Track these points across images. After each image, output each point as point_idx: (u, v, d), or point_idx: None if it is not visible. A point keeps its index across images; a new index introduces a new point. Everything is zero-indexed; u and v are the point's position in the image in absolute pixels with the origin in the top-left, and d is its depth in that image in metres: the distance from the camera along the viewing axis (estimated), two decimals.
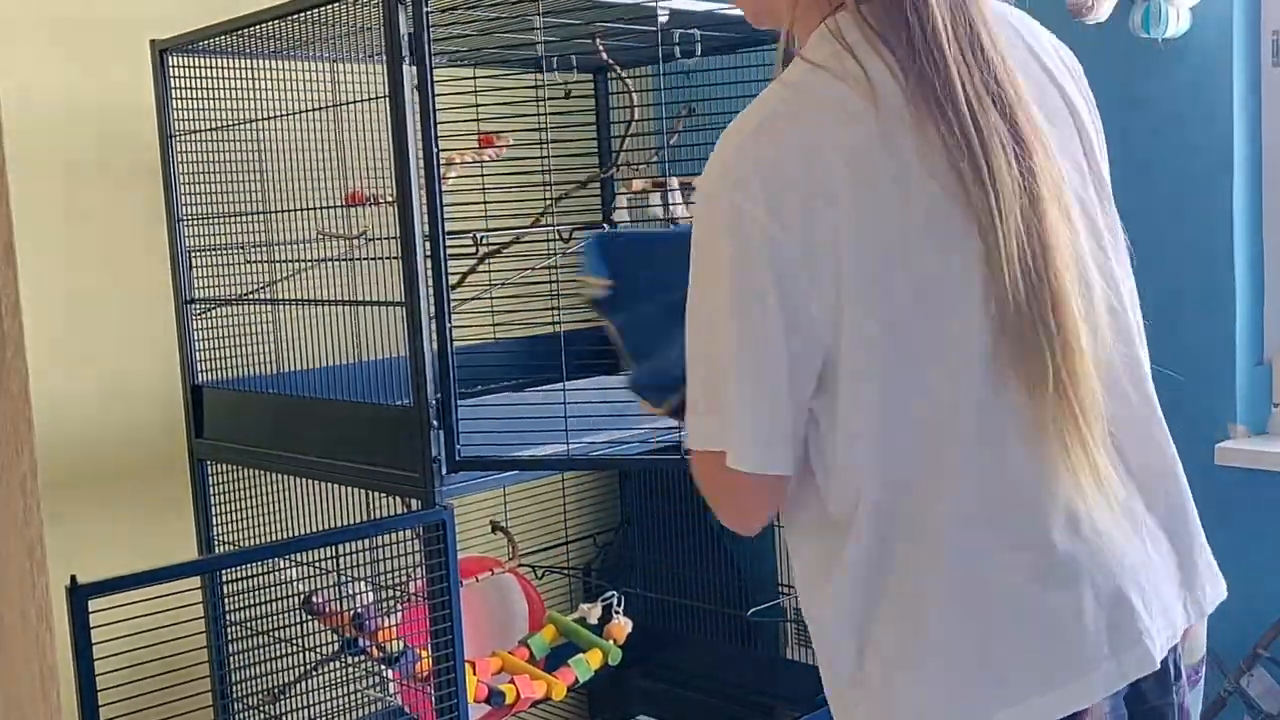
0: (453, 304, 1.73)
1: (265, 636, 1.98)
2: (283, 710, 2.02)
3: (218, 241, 2.17)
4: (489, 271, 1.74)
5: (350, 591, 1.97)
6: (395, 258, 1.79)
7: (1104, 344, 1.11)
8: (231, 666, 2.00)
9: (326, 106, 2.04)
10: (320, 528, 2.16)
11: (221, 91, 2.14)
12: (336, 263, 2.02)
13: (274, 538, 2.19)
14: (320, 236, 2.04)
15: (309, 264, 2.06)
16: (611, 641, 2.26)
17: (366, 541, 1.89)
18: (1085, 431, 1.07)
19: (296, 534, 2.17)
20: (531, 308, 2.03)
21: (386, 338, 1.90)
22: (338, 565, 1.95)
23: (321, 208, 2.05)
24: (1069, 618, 1.08)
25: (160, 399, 2.34)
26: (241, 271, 2.15)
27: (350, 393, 2.08)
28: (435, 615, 1.79)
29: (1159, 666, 1.11)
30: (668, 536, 2.99)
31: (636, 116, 2.18)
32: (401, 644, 1.89)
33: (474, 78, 1.56)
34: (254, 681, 2.01)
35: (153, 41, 2.17)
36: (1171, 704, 1.17)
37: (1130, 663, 1.09)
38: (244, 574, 1.97)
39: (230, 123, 2.13)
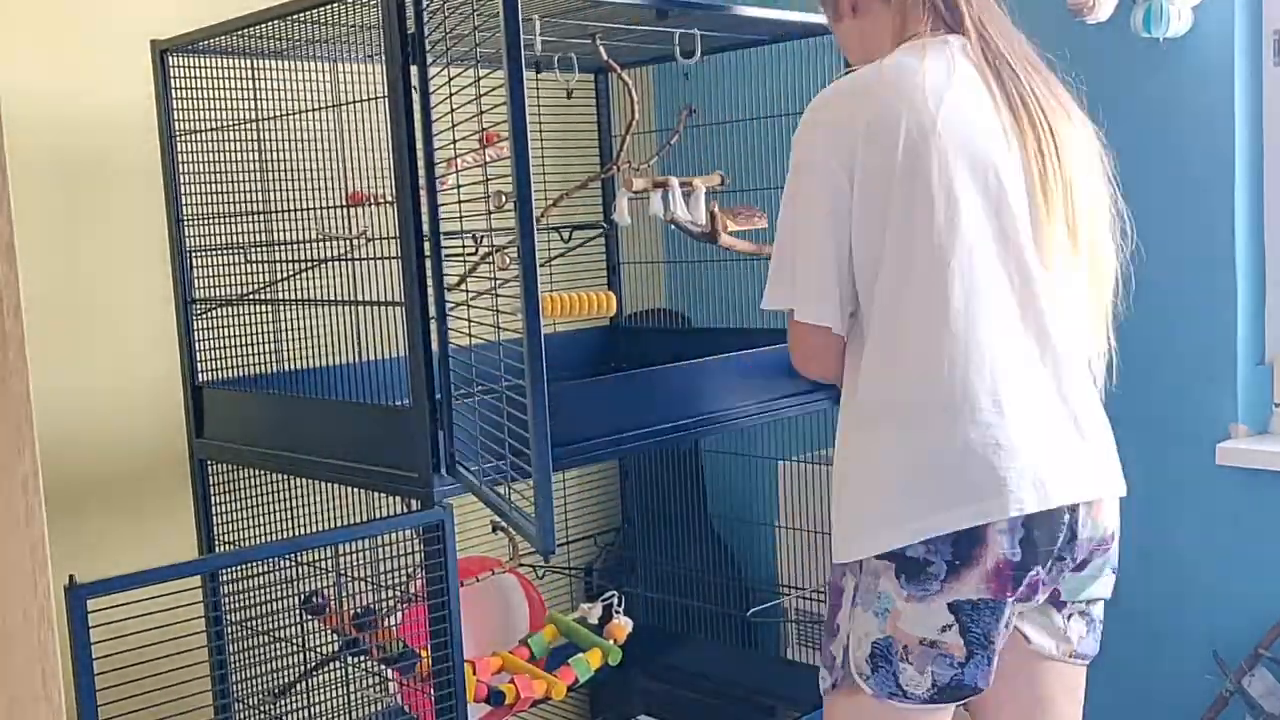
0: (471, 298, 1.74)
1: (265, 636, 1.98)
2: (283, 710, 2.02)
3: (218, 241, 2.17)
4: (493, 273, 1.73)
5: (350, 591, 1.97)
6: (395, 258, 1.79)
7: None
8: (232, 666, 2.00)
9: (327, 106, 2.04)
10: (320, 528, 2.16)
11: (222, 91, 2.14)
12: (337, 263, 2.02)
13: (274, 538, 2.19)
14: (321, 237, 2.04)
15: (309, 264, 2.06)
16: (612, 641, 2.26)
17: (366, 541, 1.89)
18: None
19: (297, 534, 2.17)
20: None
21: (386, 338, 1.90)
22: (338, 565, 1.95)
23: (322, 208, 2.05)
24: None
25: (160, 399, 2.34)
26: (242, 271, 2.15)
27: (350, 393, 2.08)
28: (435, 615, 1.79)
29: None
30: (668, 536, 2.99)
31: (636, 116, 2.18)
32: (401, 644, 1.89)
33: (477, 79, 1.56)
34: (254, 681, 2.01)
35: (153, 41, 2.17)
36: None
37: None
38: (244, 574, 1.97)
39: (231, 123, 2.13)
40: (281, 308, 2.13)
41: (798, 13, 2.27)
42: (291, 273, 2.08)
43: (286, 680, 2.03)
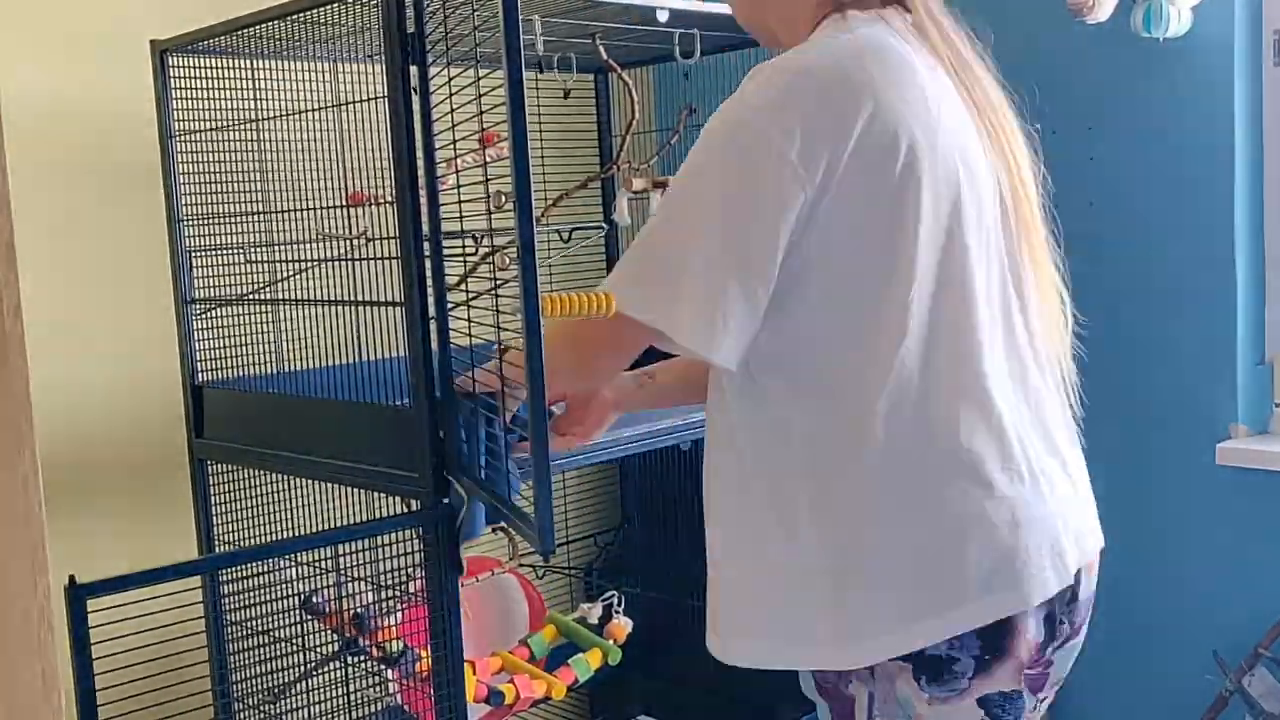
0: (471, 299, 1.74)
1: (265, 636, 1.97)
2: (283, 710, 2.02)
3: (218, 241, 2.17)
4: (492, 273, 1.74)
5: (350, 591, 1.97)
6: (395, 258, 1.79)
7: None
8: (231, 666, 2.00)
9: (326, 106, 2.04)
10: (320, 528, 2.16)
11: (221, 91, 2.14)
12: (336, 263, 2.02)
13: (274, 538, 2.19)
14: (321, 237, 2.04)
15: (309, 264, 2.06)
16: (612, 641, 2.26)
17: (366, 541, 1.89)
18: None
19: (296, 534, 2.17)
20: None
21: (386, 338, 1.90)
22: (338, 565, 1.95)
23: (322, 208, 2.05)
24: None
25: (160, 399, 2.34)
26: (242, 271, 2.15)
27: (350, 393, 2.08)
28: (435, 615, 1.79)
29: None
30: (668, 536, 2.99)
31: (636, 116, 2.18)
32: (401, 644, 1.89)
33: (477, 79, 1.56)
34: (254, 681, 2.01)
35: (153, 41, 2.17)
36: None
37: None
38: (244, 574, 1.97)
39: (230, 123, 2.13)
40: (281, 308, 2.13)
41: None
42: (291, 273, 2.08)
43: (286, 680, 2.03)
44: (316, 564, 1.95)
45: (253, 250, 2.14)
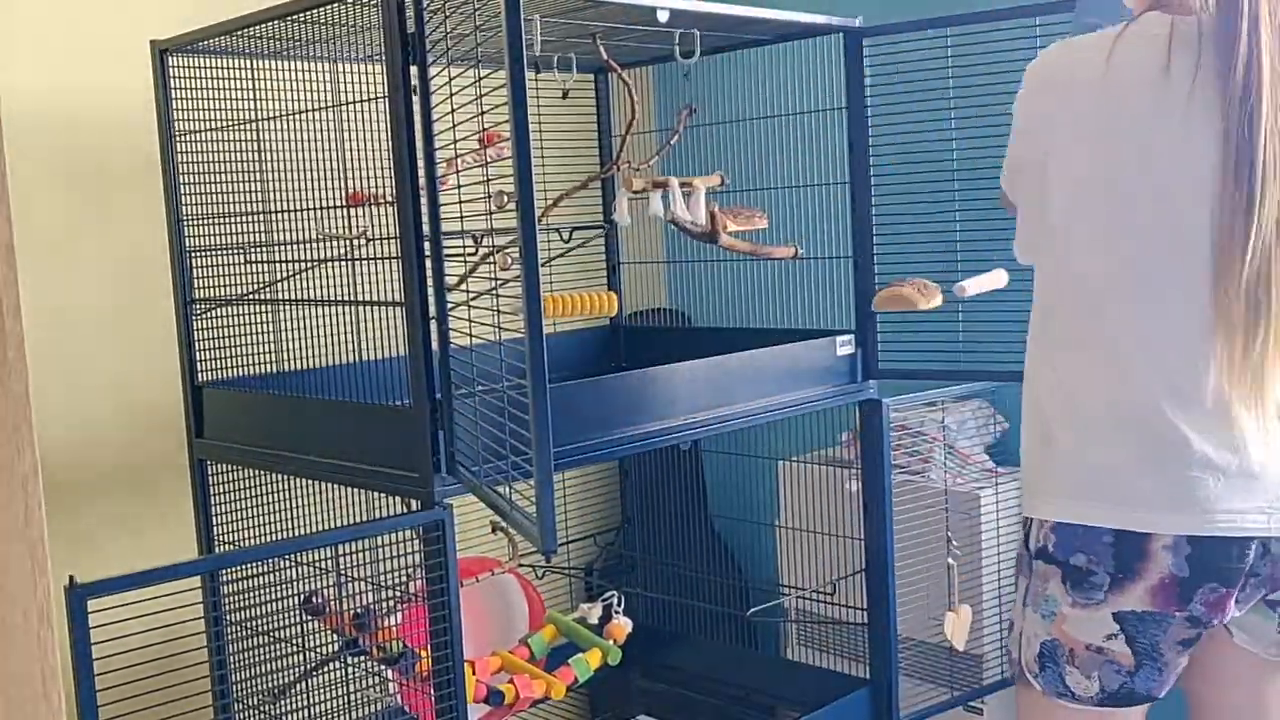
0: (471, 299, 1.74)
1: (265, 636, 1.97)
2: (283, 710, 2.02)
3: (218, 241, 2.17)
4: (492, 274, 1.74)
5: (350, 591, 1.97)
6: (395, 258, 1.79)
7: None
8: (231, 666, 2.00)
9: (326, 106, 2.04)
10: (320, 528, 2.16)
11: (222, 91, 2.14)
12: (337, 263, 2.02)
13: (274, 538, 2.19)
14: (321, 237, 2.04)
15: (309, 264, 2.06)
16: (611, 641, 2.26)
17: (366, 541, 1.89)
18: None
19: (296, 534, 2.17)
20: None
21: (386, 338, 1.90)
22: (338, 565, 1.95)
23: (322, 208, 2.05)
24: None
25: (160, 399, 2.34)
26: (242, 272, 2.15)
27: (350, 393, 2.08)
28: (435, 615, 1.80)
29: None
30: (668, 536, 2.99)
31: (636, 116, 2.18)
32: (401, 644, 1.89)
33: (478, 79, 1.56)
34: (254, 681, 2.01)
35: (153, 42, 2.17)
36: None
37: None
38: (244, 574, 1.97)
39: (230, 123, 2.13)
40: (281, 308, 2.13)
41: (798, 13, 2.27)
42: (291, 273, 2.08)
43: (286, 680, 2.03)
44: (316, 564, 1.95)
45: (253, 250, 2.14)
